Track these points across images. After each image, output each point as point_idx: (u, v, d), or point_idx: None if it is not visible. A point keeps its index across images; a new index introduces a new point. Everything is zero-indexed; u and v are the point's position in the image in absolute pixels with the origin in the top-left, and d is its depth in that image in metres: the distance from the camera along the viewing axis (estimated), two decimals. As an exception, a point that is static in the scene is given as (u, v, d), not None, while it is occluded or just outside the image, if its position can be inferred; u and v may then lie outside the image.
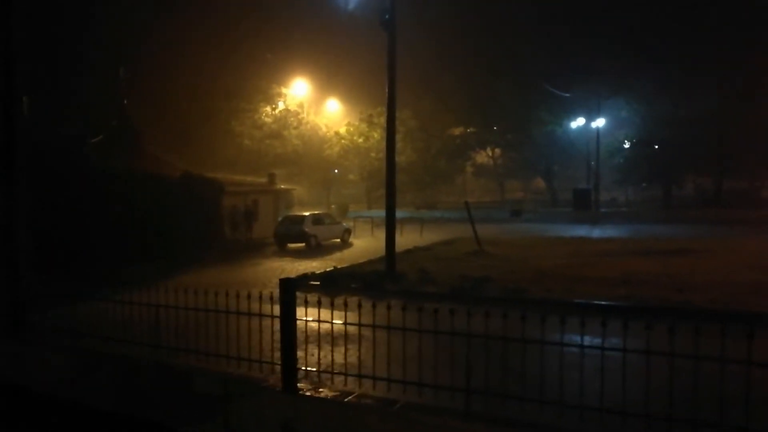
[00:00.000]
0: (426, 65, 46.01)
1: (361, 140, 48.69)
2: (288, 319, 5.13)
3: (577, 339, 4.78)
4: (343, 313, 5.34)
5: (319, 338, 5.56)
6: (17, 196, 7.17)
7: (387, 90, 14.93)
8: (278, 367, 5.41)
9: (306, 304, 5.58)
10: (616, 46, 43.36)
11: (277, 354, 5.43)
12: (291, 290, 5.13)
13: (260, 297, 5.50)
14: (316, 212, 27.04)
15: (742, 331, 3.91)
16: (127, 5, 31.63)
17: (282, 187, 33.71)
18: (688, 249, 19.74)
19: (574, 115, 50.06)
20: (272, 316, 5.43)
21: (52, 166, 16.22)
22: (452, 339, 4.94)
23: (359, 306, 5.20)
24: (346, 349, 6.21)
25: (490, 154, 69.54)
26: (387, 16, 14.05)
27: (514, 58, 47.55)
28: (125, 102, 25.03)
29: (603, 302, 11.34)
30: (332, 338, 6.13)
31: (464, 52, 47.73)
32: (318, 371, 5.57)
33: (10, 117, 7.14)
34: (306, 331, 6.33)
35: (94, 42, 29.26)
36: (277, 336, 5.39)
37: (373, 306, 5.00)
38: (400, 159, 48.99)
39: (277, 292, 5.32)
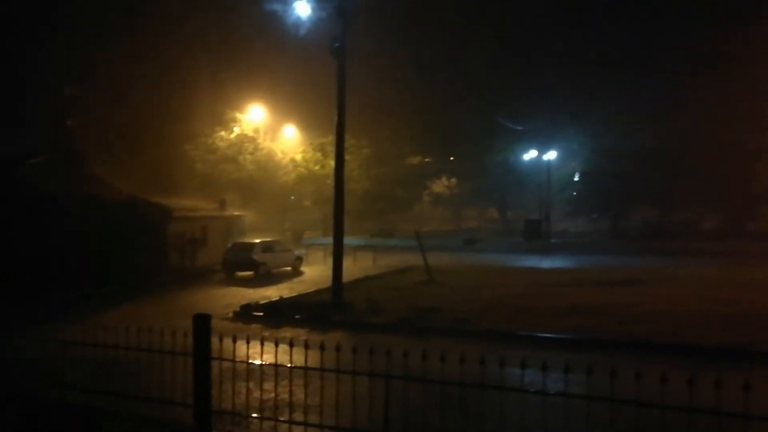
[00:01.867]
0: (382, 93, 46.34)
1: (317, 167, 48.38)
2: (201, 357, 4.77)
3: (517, 379, 4.54)
4: (274, 347, 4.97)
5: (234, 377, 5.21)
6: None
7: (336, 118, 14.79)
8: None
9: (223, 339, 5.21)
10: (566, 79, 44.81)
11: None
12: (205, 327, 4.78)
13: (173, 334, 5.13)
14: (266, 239, 26.48)
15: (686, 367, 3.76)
16: (77, 24, 30.84)
17: (233, 213, 33.03)
18: (634, 279, 20.11)
19: (527, 147, 51.21)
20: (185, 354, 5.06)
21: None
22: (386, 381, 4.61)
23: (290, 345, 4.84)
24: (262, 391, 5.85)
25: (446, 183, 70.27)
26: (337, 44, 13.98)
27: (468, 88, 48.54)
28: (69, 122, 24.13)
29: (546, 335, 11.31)
30: (260, 376, 5.75)
31: (420, 80, 48.39)
32: (233, 414, 5.21)
33: None
34: (234, 369, 5.92)
35: (40, 60, 28.30)
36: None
37: (306, 346, 4.67)
38: (357, 187, 48.92)
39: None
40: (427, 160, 60.30)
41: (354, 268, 24.34)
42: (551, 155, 46.39)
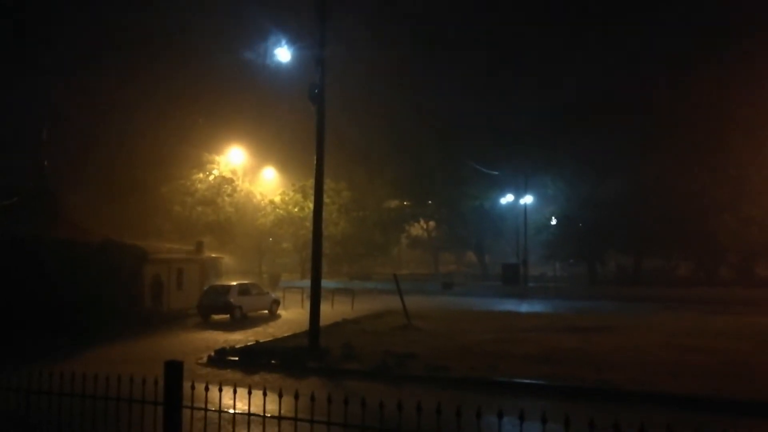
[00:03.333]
0: (361, 138, 47.02)
1: (296, 210, 48.38)
2: (172, 406, 4.66)
3: (494, 429, 4.50)
4: (247, 395, 4.87)
5: (206, 426, 5.06)
6: None
7: (315, 161, 14.92)
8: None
9: (199, 387, 5.10)
10: (540, 126, 46.01)
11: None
12: (177, 374, 4.69)
13: (143, 382, 5.01)
14: (243, 282, 26.19)
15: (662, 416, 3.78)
16: (53, 65, 30.90)
17: (210, 255, 32.67)
18: (609, 326, 20.25)
19: (503, 192, 51.96)
20: (156, 403, 4.93)
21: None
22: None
23: (264, 394, 4.75)
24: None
25: (424, 226, 70.60)
26: (316, 90, 14.23)
27: (442, 134, 49.48)
28: (45, 164, 23.90)
29: (523, 380, 11.27)
30: (233, 426, 5.61)
31: (394, 126, 49.28)
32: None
33: None
34: (206, 417, 5.77)
35: (14, 102, 28.18)
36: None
37: (280, 396, 4.59)
38: (335, 230, 48.95)
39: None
40: (405, 203, 60.79)
41: (331, 311, 24.12)
42: (527, 199, 47.07)
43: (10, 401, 5.70)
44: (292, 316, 24.74)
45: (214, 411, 5.01)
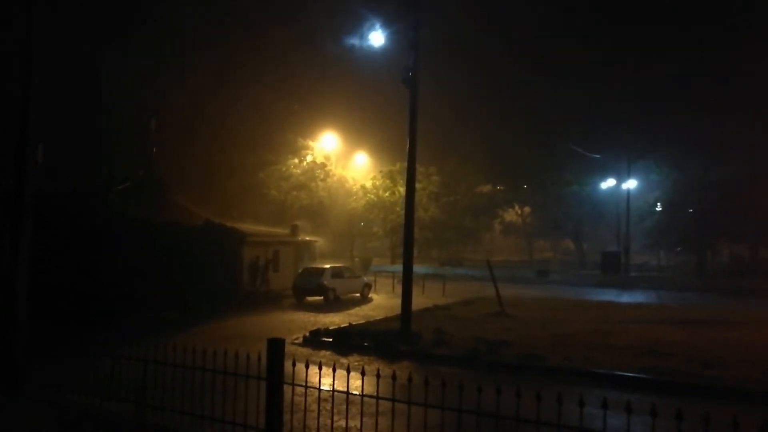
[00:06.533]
0: (452, 122, 46.51)
1: (387, 194, 48.83)
2: (275, 382, 4.84)
3: (597, 421, 4.32)
4: (345, 374, 4.97)
5: (304, 403, 5.23)
6: (21, 252, 7.14)
7: (408, 147, 14.90)
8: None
9: (299, 365, 5.28)
10: (646, 107, 43.32)
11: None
12: (279, 351, 4.86)
13: (248, 358, 5.25)
14: (336, 265, 26.81)
15: None
16: (157, 58, 32.84)
17: (305, 238, 33.71)
18: (719, 320, 18.84)
19: (604, 176, 49.61)
20: (258, 378, 5.15)
21: (73, 213, 16.47)
22: (458, 416, 4.47)
23: (362, 374, 4.84)
24: (333, 419, 5.85)
25: (519, 212, 68.98)
26: (409, 74, 14.17)
27: (539, 118, 47.84)
28: (154, 152, 25.59)
29: (624, 373, 10.74)
30: (332, 404, 5.79)
31: (489, 110, 48.26)
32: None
33: (21, 173, 7.19)
34: (306, 394, 5.96)
35: (122, 93, 30.28)
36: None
37: (377, 377, 4.64)
38: (425, 215, 48.92)
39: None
40: (498, 188, 59.64)
41: (422, 297, 24.19)
42: (631, 184, 44.59)
43: (131, 369, 6.17)
44: (383, 300, 25.05)
45: (314, 388, 5.15)
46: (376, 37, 16.37)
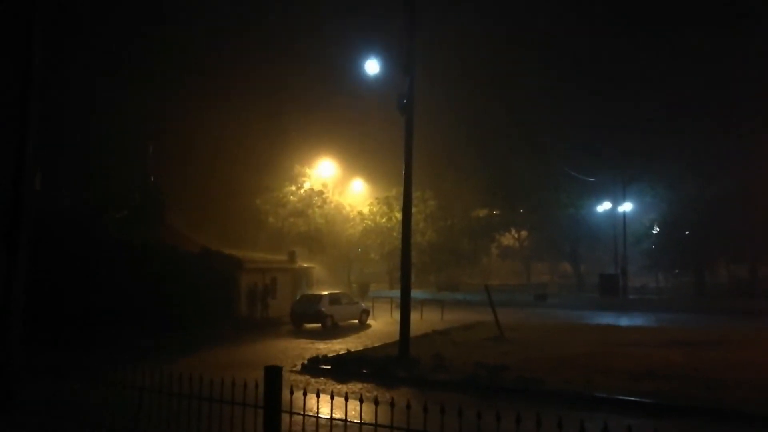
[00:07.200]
0: (448, 145, 46.85)
1: (383, 220, 48.91)
2: (272, 411, 4.80)
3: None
4: (344, 402, 4.93)
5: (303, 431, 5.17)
6: (17, 277, 7.13)
7: (404, 171, 14.99)
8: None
9: (297, 393, 5.23)
10: (638, 129, 43.73)
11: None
12: (276, 379, 4.83)
13: (244, 386, 5.21)
14: (334, 292, 26.74)
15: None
16: (154, 84, 33.08)
17: (302, 264, 33.64)
18: (720, 341, 18.76)
19: (599, 199, 49.83)
20: (256, 406, 5.10)
21: (69, 237, 16.48)
22: None
23: (360, 401, 4.81)
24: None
25: (515, 235, 69.00)
26: (405, 101, 14.33)
27: (534, 140, 48.21)
28: (152, 178, 25.68)
29: (625, 397, 10.65)
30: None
31: (485, 133, 48.62)
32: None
33: (19, 199, 7.22)
34: (303, 423, 5.89)
35: (118, 117, 30.41)
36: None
37: (376, 404, 4.61)
38: (422, 239, 48.91)
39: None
40: (494, 212, 59.75)
41: (421, 322, 24.07)
42: (626, 207, 44.76)
43: (125, 396, 6.10)
44: (382, 326, 24.91)
45: (312, 416, 5.10)
46: (372, 66, 16.60)
